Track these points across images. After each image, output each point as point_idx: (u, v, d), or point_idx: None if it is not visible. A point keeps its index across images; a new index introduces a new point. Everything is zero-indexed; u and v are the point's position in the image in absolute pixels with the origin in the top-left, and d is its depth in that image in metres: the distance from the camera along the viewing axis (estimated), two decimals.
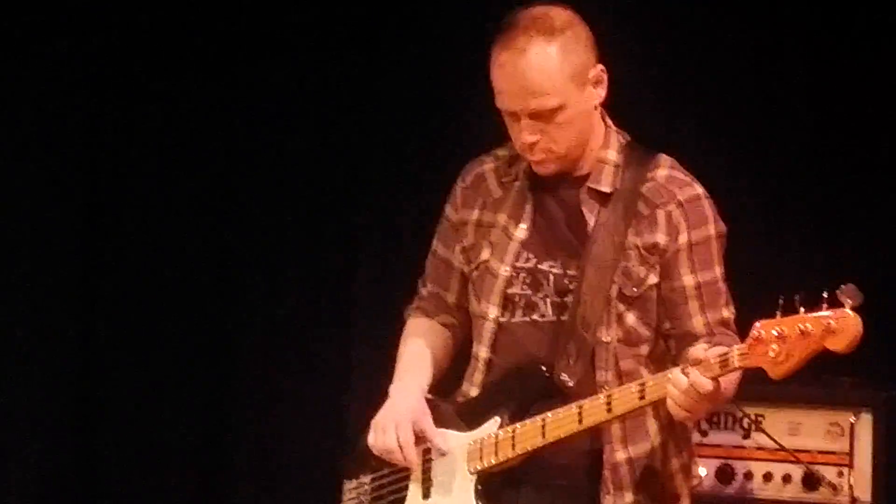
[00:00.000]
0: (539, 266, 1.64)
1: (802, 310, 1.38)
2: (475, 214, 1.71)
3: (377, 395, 1.70)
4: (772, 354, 1.40)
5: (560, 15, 1.59)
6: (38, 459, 3.06)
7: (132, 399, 3.18)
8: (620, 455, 1.58)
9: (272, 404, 2.97)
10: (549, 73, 1.54)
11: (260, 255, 3.18)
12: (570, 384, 1.57)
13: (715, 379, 1.42)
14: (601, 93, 1.61)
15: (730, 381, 1.49)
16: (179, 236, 3.18)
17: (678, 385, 1.43)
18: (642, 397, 1.49)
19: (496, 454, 1.58)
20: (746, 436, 2.17)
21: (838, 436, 2.06)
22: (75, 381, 3.22)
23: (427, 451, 1.65)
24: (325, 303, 3.04)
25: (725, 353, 1.43)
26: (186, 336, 3.17)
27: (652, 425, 1.60)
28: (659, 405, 1.51)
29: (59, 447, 3.11)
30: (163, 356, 3.15)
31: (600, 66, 1.60)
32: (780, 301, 1.40)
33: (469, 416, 1.66)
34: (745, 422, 2.14)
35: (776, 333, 1.40)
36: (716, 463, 2.17)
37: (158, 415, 3.15)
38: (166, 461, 3.13)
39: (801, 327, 1.38)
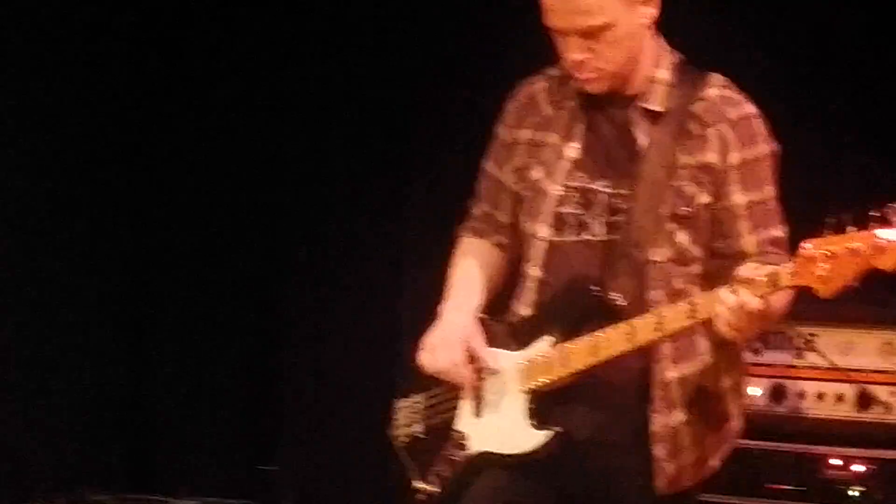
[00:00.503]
0: (590, 185, 1.65)
1: (852, 229, 1.38)
2: (526, 133, 1.72)
3: (429, 316, 1.74)
4: (821, 273, 1.40)
5: None
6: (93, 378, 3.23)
7: (188, 323, 3.33)
8: (670, 374, 1.60)
9: (327, 325, 3.07)
10: None
11: (311, 177, 3.25)
12: (622, 303, 1.58)
13: (764, 298, 1.43)
14: (652, 11, 1.59)
15: (780, 301, 1.51)
16: (230, 164, 3.30)
17: (727, 303, 1.44)
18: (692, 316, 1.50)
19: (548, 373, 1.61)
20: (799, 355, 2.21)
21: (891, 354, 2.07)
22: (130, 305, 3.39)
23: (479, 371, 1.68)
24: (376, 224, 3.11)
25: (774, 272, 1.43)
26: (241, 259, 3.29)
27: (702, 344, 1.62)
28: (709, 324, 1.51)
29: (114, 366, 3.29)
30: (218, 278, 3.28)
31: None
32: (830, 220, 1.39)
33: (521, 336, 1.68)
34: (798, 341, 2.16)
35: (825, 252, 1.39)
36: (768, 382, 2.22)
37: (215, 336, 3.29)
38: (223, 384, 3.28)
39: (850, 246, 1.38)
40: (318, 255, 3.21)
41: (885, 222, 1.35)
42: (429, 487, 1.71)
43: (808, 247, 1.41)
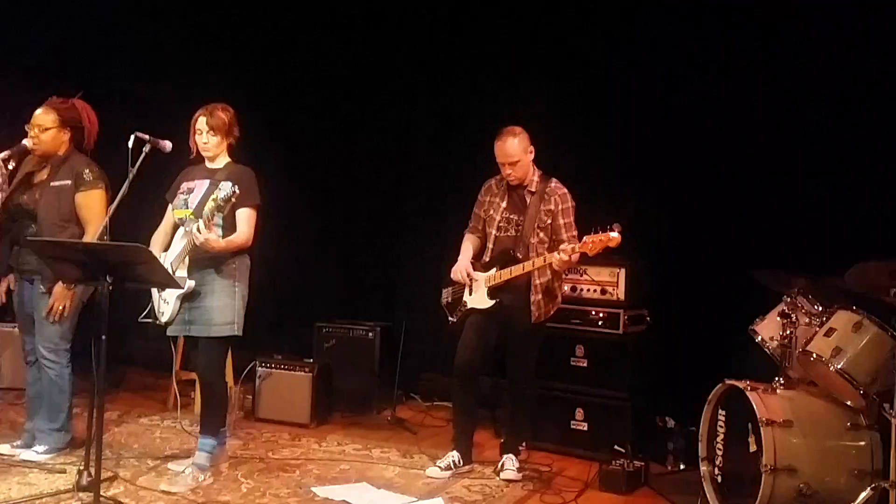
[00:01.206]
0: (509, 216, 4.43)
1: (601, 231, 4.04)
2: (487, 197, 4.58)
3: (452, 261, 4.56)
4: (590, 248, 4.05)
5: (516, 128, 4.41)
6: None
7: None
8: (537, 281, 4.33)
9: (427, 257, 5.49)
10: (515, 148, 4.37)
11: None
12: (520, 257, 4.40)
13: (569, 256, 4.20)
14: (531, 155, 4.43)
15: (570, 257, 4.31)
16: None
17: (557, 257, 4.17)
18: (545, 261, 4.21)
19: (494, 280, 4.36)
20: (580, 275, 4.98)
21: (605, 276, 5.10)
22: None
23: (471, 278, 4.49)
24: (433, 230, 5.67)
25: (574, 246, 4.18)
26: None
27: (548, 271, 4.35)
28: (550, 265, 4.30)
29: None
30: None
31: (531, 147, 4.44)
32: (595, 228, 4.15)
33: (485, 268, 4.44)
34: (580, 269, 5.08)
35: (591, 240, 4.04)
36: (568, 284, 4.98)
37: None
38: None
39: (599, 238, 3.98)
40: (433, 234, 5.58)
41: (611, 230, 4.00)
42: (453, 319, 4.58)
43: (585, 238, 4.16)
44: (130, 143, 3.93)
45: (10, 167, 4.20)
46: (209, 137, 4.14)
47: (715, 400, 3.95)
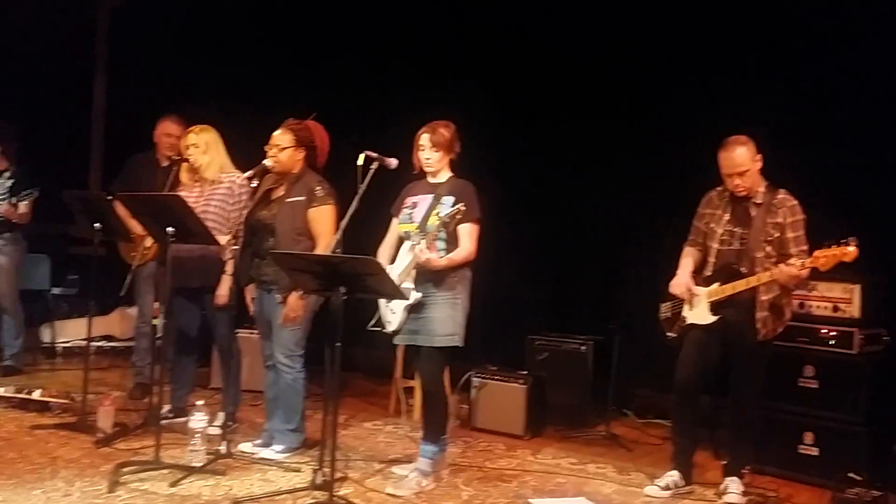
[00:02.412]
0: (732, 229, 4.27)
1: (833, 244, 3.85)
2: (709, 209, 4.42)
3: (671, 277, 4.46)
4: (822, 262, 3.87)
5: (742, 137, 4.24)
6: None
7: None
8: (763, 297, 4.14)
9: (643, 270, 5.53)
10: (743, 158, 4.19)
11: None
12: (745, 271, 4.21)
13: (798, 270, 3.99)
14: (759, 164, 4.26)
15: (804, 272, 4.03)
16: None
17: (785, 271, 4.00)
18: (771, 276, 4.01)
19: (717, 295, 4.20)
20: (810, 290, 4.69)
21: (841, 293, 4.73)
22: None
23: (691, 293, 4.32)
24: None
25: (804, 261, 3.95)
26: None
27: (775, 286, 4.15)
28: (776, 279, 4.13)
29: None
30: None
31: (759, 155, 4.27)
32: (826, 242, 3.89)
33: (705, 282, 4.29)
34: (810, 286, 4.67)
35: (824, 255, 3.85)
36: (797, 301, 4.71)
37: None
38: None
39: (833, 252, 3.81)
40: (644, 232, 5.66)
41: (846, 243, 3.79)
42: (672, 335, 4.47)
43: (816, 253, 3.93)
44: (360, 161, 4.14)
45: (252, 185, 4.53)
46: (431, 153, 4.28)
47: None
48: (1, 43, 8.27)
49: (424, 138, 4.29)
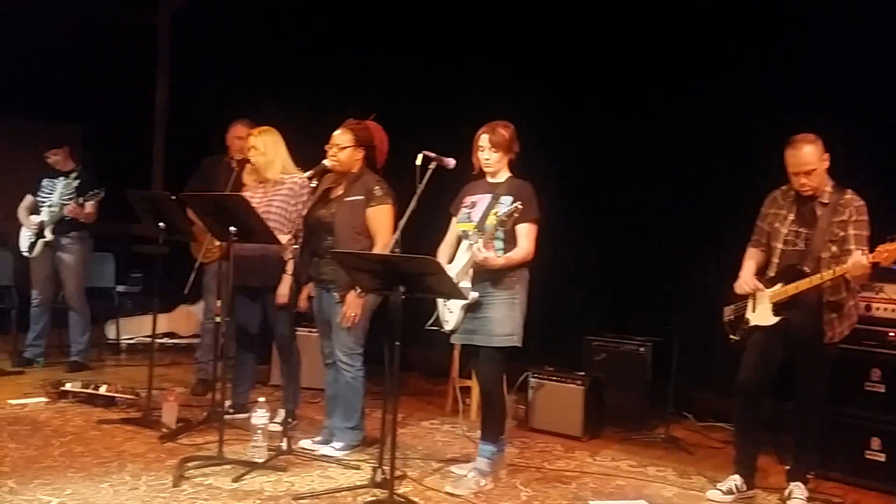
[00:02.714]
0: (797, 230, 4.19)
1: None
2: (773, 209, 4.33)
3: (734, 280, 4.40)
4: (885, 256, 3.78)
5: (810, 135, 4.16)
6: None
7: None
8: (828, 297, 4.06)
9: (703, 272, 5.53)
10: (811, 156, 4.09)
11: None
12: (808, 271, 4.12)
13: (864, 267, 3.87)
14: (826, 164, 4.16)
15: (868, 270, 3.93)
16: None
17: (854, 263, 3.90)
18: (835, 273, 3.90)
19: (780, 295, 4.13)
20: (876, 292, 4.59)
21: None
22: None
23: (755, 293, 4.24)
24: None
25: (865, 255, 3.85)
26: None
27: (841, 286, 4.07)
28: (842, 278, 4.00)
29: None
30: None
31: (826, 154, 4.18)
32: (889, 237, 3.83)
33: (769, 283, 4.20)
34: (876, 287, 4.63)
35: (887, 249, 3.75)
36: (863, 303, 4.52)
37: None
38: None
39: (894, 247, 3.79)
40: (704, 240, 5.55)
41: None
42: (734, 337, 4.40)
43: (879, 247, 3.83)
44: (418, 161, 4.16)
45: (313, 184, 4.58)
46: (491, 154, 4.28)
47: None
48: (65, 47, 8.52)
49: (484, 139, 4.29)
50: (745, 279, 4.29)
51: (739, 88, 5.67)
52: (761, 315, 4.24)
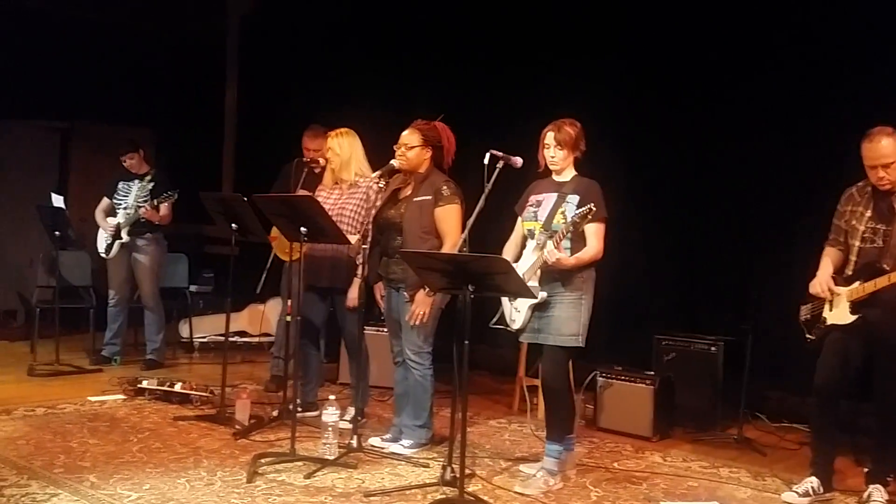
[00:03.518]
0: (875, 226, 4.05)
1: None
2: (849, 206, 4.21)
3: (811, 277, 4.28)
4: None
5: (888, 128, 4.05)
6: None
7: None
8: None
9: (777, 269, 5.24)
10: (890, 149, 3.99)
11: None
12: (888, 269, 3.99)
13: None
14: None
15: None
16: None
17: None
18: None
19: (857, 294, 4.01)
20: None
21: None
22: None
23: (832, 293, 4.13)
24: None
25: None
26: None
27: None
28: None
29: None
30: None
31: None
32: None
33: (847, 282, 4.11)
34: None
35: None
36: None
37: None
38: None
39: None
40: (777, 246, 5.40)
41: None
42: (811, 337, 4.29)
43: None
44: (485, 160, 4.16)
45: (381, 185, 4.62)
46: (556, 151, 4.26)
47: None
48: (137, 54, 8.76)
49: (550, 136, 4.27)
50: (821, 280, 4.19)
51: (816, 82, 5.52)
52: (839, 314, 4.14)
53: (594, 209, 3.93)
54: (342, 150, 4.95)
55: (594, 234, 4.13)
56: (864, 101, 5.04)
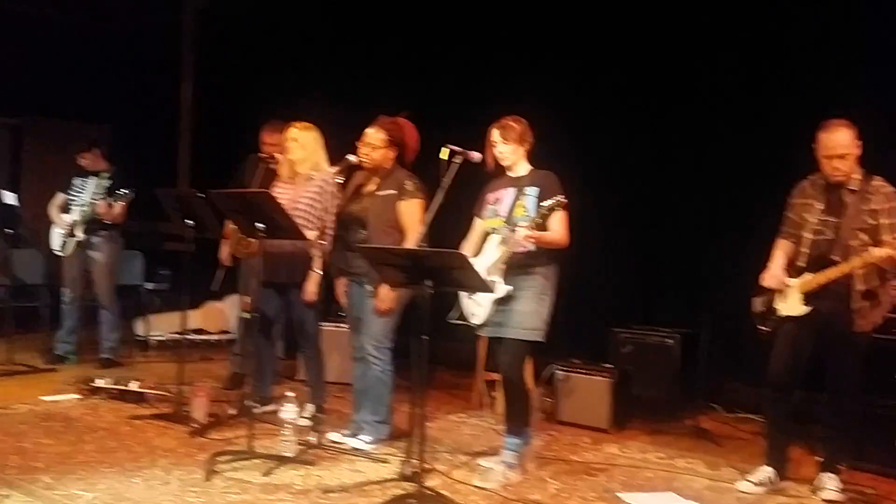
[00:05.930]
0: (825, 218, 4.12)
1: None
2: (801, 199, 4.28)
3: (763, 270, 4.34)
4: None
5: (844, 120, 4.12)
6: None
7: None
8: (859, 286, 3.99)
9: (731, 262, 5.42)
10: (846, 140, 4.03)
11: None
12: (838, 260, 4.04)
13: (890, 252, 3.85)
14: (858, 151, 4.07)
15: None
16: None
17: (878, 253, 3.84)
18: (865, 262, 3.89)
19: (809, 285, 4.07)
20: None
21: None
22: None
23: (784, 285, 4.18)
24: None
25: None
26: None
27: (871, 274, 4.00)
28: (873, 265, 3.94)
29: None
30: None
31: (859, 141, 4.12)
32: None
33: (798, 273, 4.15)
34: None
35: None
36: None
37: None
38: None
39: None
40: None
41: None
42: (765, 328, 4.35)
43: None
44: (443, 155, 4.16)
45: (340, 180, 4.60)
46: (504, 147, 4.30)
47: None
48: (90, 48, 8.61)
49: (495, 133, 4.31)
50: (773, 273, 4.25)
51: (768, 77, 5.61)
52: (791, 305, 4.20)
53: (563, 200, 3.96)
54: (307, 144, 4.86)
55: (558, 221, 4.15)
56: (819, 95, 5.11)
